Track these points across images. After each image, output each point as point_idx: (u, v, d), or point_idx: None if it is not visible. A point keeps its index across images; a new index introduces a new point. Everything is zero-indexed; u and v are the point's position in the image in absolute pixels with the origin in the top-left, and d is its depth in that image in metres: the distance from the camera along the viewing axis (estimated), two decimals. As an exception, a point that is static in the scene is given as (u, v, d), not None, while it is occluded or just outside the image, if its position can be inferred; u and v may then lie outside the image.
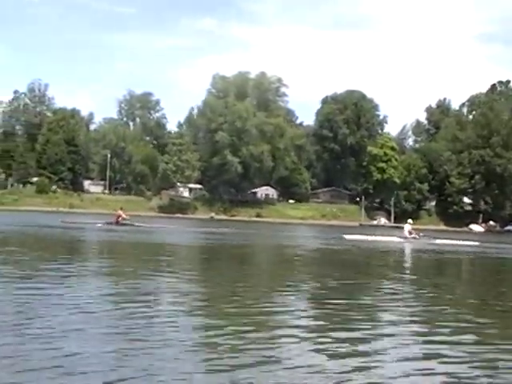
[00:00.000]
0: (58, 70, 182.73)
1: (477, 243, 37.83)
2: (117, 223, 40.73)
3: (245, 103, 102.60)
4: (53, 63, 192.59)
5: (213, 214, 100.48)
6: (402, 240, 36.23)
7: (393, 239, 37.55)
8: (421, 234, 37.33)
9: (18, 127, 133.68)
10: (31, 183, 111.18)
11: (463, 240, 39.51)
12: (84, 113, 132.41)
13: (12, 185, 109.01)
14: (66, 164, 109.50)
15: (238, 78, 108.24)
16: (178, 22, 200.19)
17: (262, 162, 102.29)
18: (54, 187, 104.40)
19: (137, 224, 42.43)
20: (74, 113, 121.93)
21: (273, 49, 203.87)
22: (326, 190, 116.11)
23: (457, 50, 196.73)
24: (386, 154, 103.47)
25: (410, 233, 36.41)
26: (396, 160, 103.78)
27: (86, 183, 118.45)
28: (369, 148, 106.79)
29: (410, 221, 38.60)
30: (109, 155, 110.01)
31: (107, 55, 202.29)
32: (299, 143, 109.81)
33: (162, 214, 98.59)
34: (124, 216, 42.24)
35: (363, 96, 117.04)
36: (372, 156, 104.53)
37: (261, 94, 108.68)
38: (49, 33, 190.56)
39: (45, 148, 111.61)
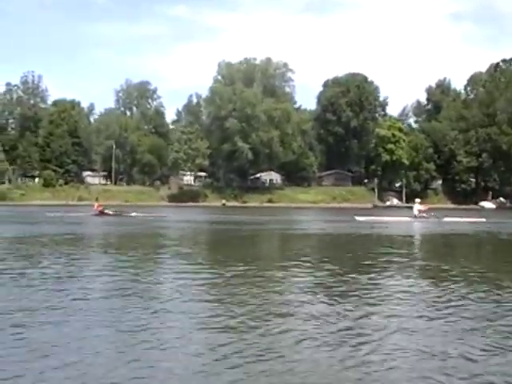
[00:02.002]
0: (35, 62, 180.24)
1: (484, 219, 39.60)
2: (101, 213, 42.06)
3: (253, 89, 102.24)
4: (29, 55, 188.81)
5: (224, 201, 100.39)
6: (412, 219, 37.74)
7: (403, 219, 39.07)
8: (432, 214, 38.82)
9: (10, 121, 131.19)
10: (34, 177, 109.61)
11: (474, 217, 41.64)
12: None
13: (10, 180, 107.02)
14: (70, 157, 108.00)
15: (244, 65, 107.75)
16: (152, 10, 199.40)
17: (271, 147, 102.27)
18: (61, 181, 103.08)
19: (129, 215, 43.39)
20: (74, 104, 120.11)
21: (255, 35, 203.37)
22: (329, 173, 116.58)
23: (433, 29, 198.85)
24: (394, 136, 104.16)
25: (420, 211, 38.07)
26: (404, 141, 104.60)
27: (84, 175, 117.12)
28: (376, 130, 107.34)
29: (417, 200, 40.63)
30: (114, 146, 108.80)
31: (84, 45, 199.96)
32: (305, 128, 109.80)
33: (174, 204, 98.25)
34: (97, 205, 43.64)
35: (365, 78, 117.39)
36: (380, 138, 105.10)
37: (267, 80, 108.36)
38: (24, 23, 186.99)
39: (47, 141, 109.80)
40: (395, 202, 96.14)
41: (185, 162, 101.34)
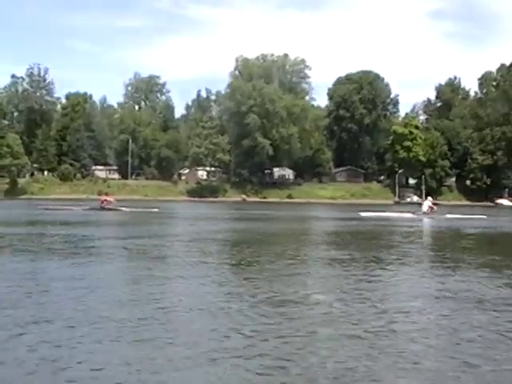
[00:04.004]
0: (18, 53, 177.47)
1: (485, 216, 40.74)
2: (102, 208, 40.99)
3: (273, 85, 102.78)
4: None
5: (244, 197, 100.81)
6: (415, 216, 39.09)
7: (407, 215, 40.36)
8: (434, 210, 40.10)
9: (15, 114, 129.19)
10: (50, 170, 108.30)
11: (476, 214, 42.31)
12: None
13: (32, 174, 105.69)
14: (86, 151, 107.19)
15: (261, 60, 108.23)
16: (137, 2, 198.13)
17: (290, 143, 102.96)
18: (79, 175, 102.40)
19: (125, 209, 42.20)
20: (87, 97, 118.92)
21: (247, 30, 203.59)
22: (343, 169, 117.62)
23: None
24: (411, 133, 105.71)
25: (432, 208, 39.39)
26: (421, 138, 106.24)
27: (92, 169, 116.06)
28: (393, 127, 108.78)
29: (430, 198, 42.63)
30: (130, 140, 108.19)
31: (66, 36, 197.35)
32: (321, 124, 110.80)
33: (194, 198, 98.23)
34: (109, 199, 42.79)
35: (377, 76, 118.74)
36: (397, 135, 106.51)
37: (284, 76, 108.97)
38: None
39: (61, 134, 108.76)
40: (415, 198, 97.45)
41: (206, 157, 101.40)
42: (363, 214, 40.55)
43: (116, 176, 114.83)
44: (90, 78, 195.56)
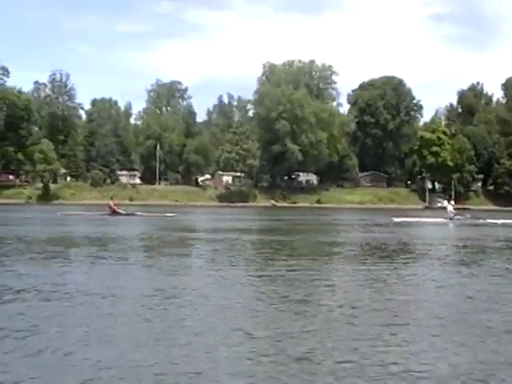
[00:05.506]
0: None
1: None
2: (114, 213, 40.91)
3: (301, 91, 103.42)
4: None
5: (274, 202, 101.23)
6: (447, 220, 39.65)
7: (439, 220, 40.78)
8: (468, 216, 41.62)
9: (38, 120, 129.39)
10: (75, 176, 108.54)
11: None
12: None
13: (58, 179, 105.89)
14: (114, 156, 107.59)
15: (287, 67, 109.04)
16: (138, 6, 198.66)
17: (319, 149, 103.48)
18: (108, 181, 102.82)
19: (139, 213, 42.71)
20: (112, 103, 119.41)
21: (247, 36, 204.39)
22: (367, 174, 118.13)
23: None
24: (439, 139, 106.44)
25: (452, 212, 40.28)
26: (448, 144, 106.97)
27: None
28: (420, 132, 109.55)
29: (452, 202, 45.19)
30: (158, 146, 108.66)
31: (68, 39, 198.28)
32: (348, 129, 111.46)
33: (224, 204, 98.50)
34: (112, 204, 42.50)
35: (400, 81, 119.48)
36: (425, 140, 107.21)
37: (311, 82, 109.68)
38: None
39: (88, 140, 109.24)
40: (445, 203, 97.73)
41: (237, 163, 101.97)
42: (396, 220, 40.78)
43: (138, 181, 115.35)
44: (96, 81, 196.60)
